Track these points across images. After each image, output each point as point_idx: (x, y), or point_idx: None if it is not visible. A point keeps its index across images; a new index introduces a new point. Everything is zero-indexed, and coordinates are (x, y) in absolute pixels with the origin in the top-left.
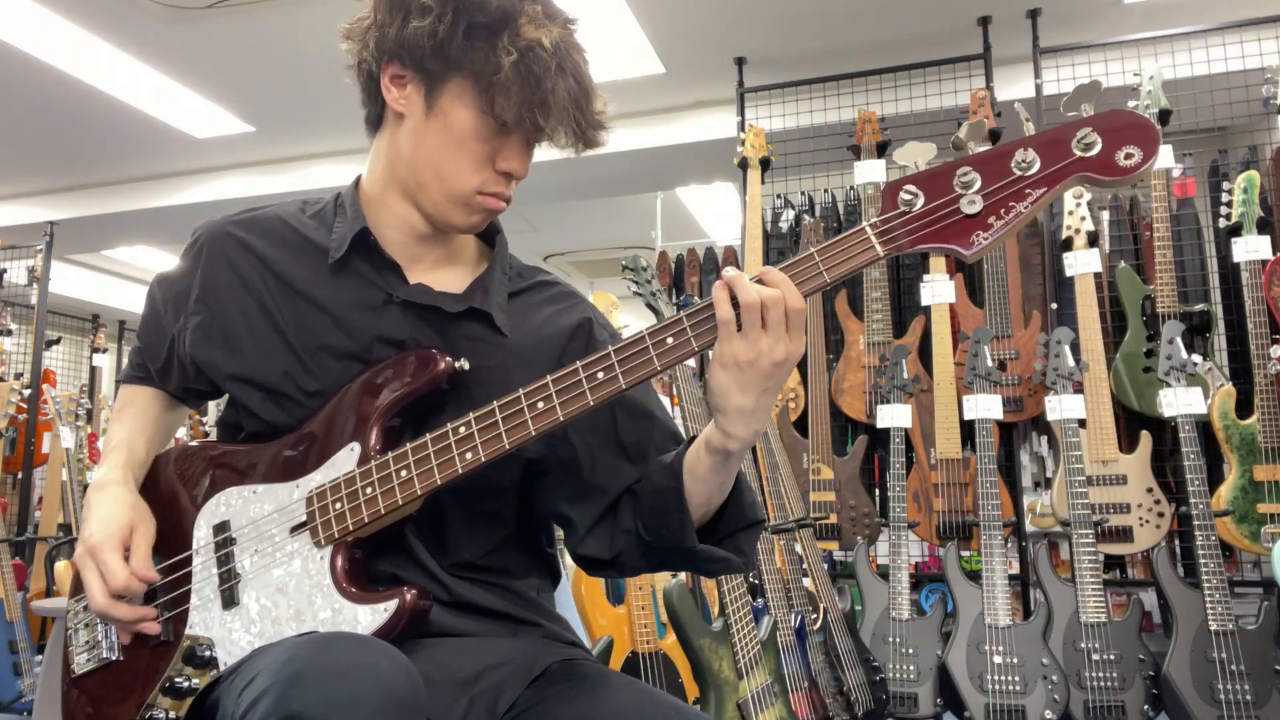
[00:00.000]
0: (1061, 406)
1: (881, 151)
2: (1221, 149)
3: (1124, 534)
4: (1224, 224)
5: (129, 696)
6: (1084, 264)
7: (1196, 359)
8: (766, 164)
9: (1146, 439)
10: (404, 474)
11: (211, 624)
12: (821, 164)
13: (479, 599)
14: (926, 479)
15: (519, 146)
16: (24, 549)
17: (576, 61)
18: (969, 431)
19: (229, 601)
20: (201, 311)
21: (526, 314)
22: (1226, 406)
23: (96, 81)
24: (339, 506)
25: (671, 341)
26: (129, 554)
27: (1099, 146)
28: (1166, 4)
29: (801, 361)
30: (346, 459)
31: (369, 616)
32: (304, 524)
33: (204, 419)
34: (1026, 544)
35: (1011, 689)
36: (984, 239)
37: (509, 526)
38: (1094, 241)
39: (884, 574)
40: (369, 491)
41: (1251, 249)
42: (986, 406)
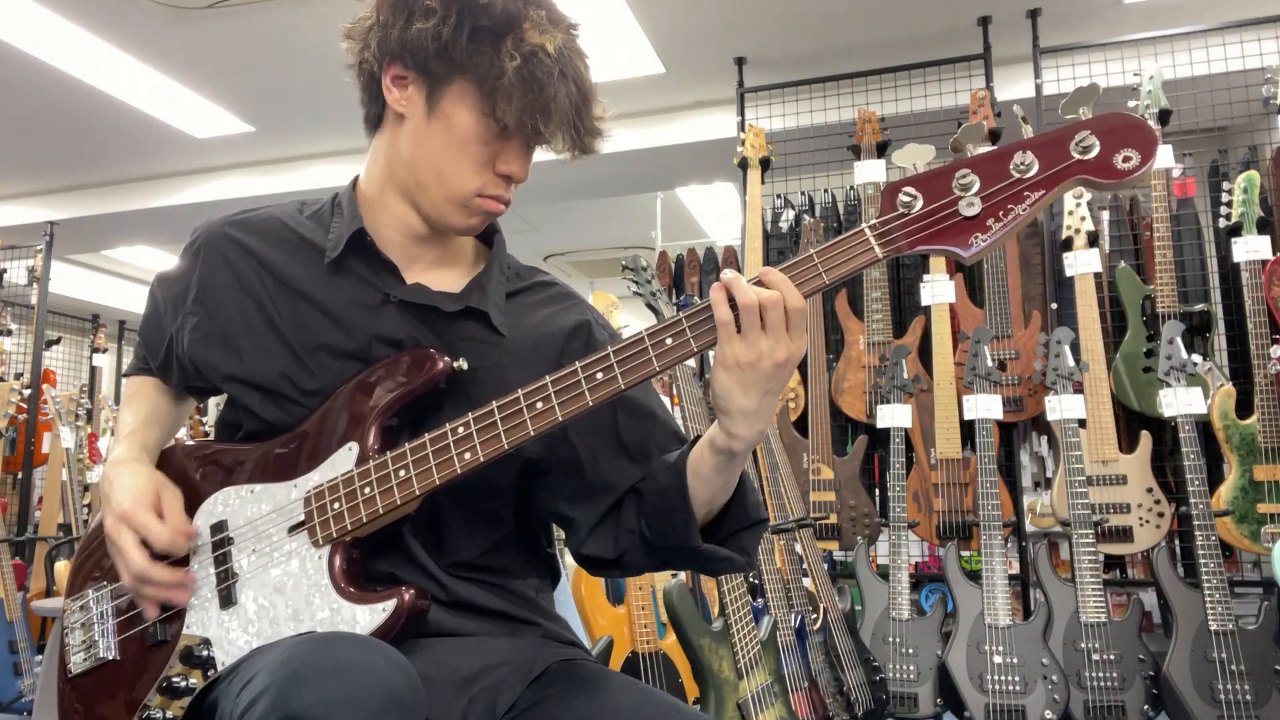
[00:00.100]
0: (1061, 406)
1: (881, 151)
2: (1221, 149)
3: (1124, 534)
4: (1224, 224)
5: (126, 696)
6: (1084, 264)
7: (1196, 359)
8: (766, 164)
9: (1146, 439)
10: (403, 474)
11: (209, 624)
12: (821, 164)
13: (477, 599)
14: (926, 479)
15: (519, 150)
16: (24, 549)
17: (578, 68)
18: (969, 431)
19: (227, 601)
20: (199, 312)
21: (524, 314)
22: (1226, 406)
23: (96, 81)
24: (337, 506)
25: (671, 342)
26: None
27: (1097, 149)
28: (1166, 4)
29: (801, 361)
30: (345, 459)
31: (367, 616)
32: (302, 524)
33: (204, 419)
34: (1026, 544)
35: (1011, 689)
36: (982, 241)
37: (507, 526)
38: (1094, 241)
39: (884, 574)
40: (367, 491)
41: (1251, 249)
42: (986, 406)
